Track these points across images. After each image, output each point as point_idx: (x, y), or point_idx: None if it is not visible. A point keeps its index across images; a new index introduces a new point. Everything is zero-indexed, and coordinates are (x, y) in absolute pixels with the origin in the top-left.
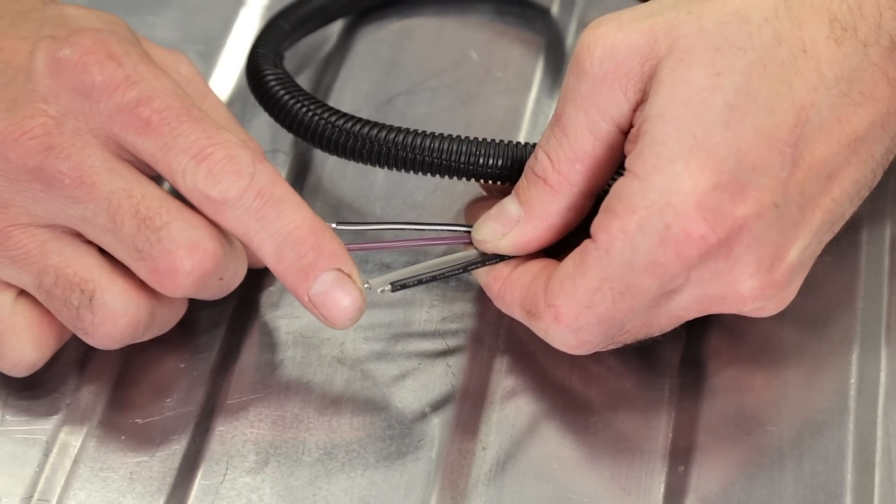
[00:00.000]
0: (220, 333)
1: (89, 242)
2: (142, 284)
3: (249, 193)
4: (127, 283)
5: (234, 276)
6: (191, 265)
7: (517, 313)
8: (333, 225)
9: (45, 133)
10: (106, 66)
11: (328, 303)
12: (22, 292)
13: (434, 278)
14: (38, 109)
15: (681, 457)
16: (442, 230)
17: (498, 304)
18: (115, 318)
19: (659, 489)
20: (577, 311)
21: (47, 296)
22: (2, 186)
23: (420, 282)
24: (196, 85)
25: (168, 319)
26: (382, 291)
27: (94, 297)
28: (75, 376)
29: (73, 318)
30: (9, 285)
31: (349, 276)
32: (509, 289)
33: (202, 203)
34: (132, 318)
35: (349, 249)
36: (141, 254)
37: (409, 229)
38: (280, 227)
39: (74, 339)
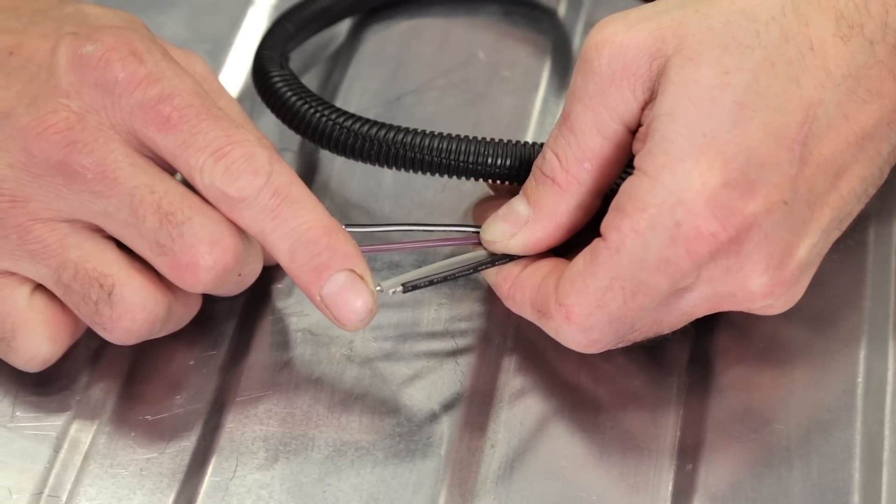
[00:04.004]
0: (230, 331)
1: (109, 238)
2: (160, 280)
3: (266, 192)
4: (145, 278)
5: (252, 273)
6: (212, 260)
7: (528, 313)
8: (342, 227)
9: (68, 128)
10: (128, 62)
11: (340, 303)
12: (37, 287)
13: (445, 279)
14: (61, 105)
15: (689, 455)
16: (451, 231)
17: (508, 304)
18: (133, 313)
19: (667, 487)
20: (588, 310)
21: (66, 290)
22: (24, 181)
23: (431, 283)
24: (210, 84)
25: (183, 315)
26: (394, 292)
27: (114, 291)
28: (86, 373)
29: (91, 312)
30: (25, 280)
31: (361, 278)
32: (519, 289)
33: (219, 200)
34: (150, 314)
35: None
36: (163, 248)
37: (418, 230)
38: (295, 226)
39: (85, 337)
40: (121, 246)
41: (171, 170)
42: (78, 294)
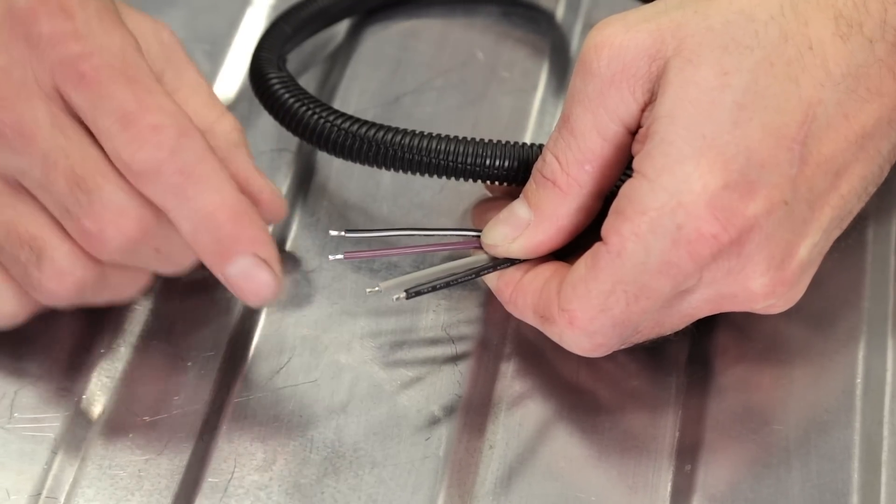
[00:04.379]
0: (228, 331)
1: None
2: None
3: (169, 168)
4: (76, 243)
5: (179, 252)
6: (115, 229)
7: (530, 318)
8: (343, 233)
9: None
10: (55, 17)
11: (243, 285)
12: None
13: (448, 284)
14: None
15: (688, 455)
16: (450, 235)
17: (510, 309)
18: (61, 277)
19: (666, 487)
20: (591, 314)
21: None
22: None
23: (434, 288)
24: (176, 53)
25: (123, 286)
26: (398, 299)
27: (42, 254)
28: (83, 374)
29: (21, 273)
30: None
31: (265, 261)
32: (521, 294)
33: (124, 171)
34: (79, 279)
35: (359, 256)
36: (70, 214)
37: (418, 234)
38: (198, 207)
39: (84, 338)
40: None
41: None
42: (8, 254)
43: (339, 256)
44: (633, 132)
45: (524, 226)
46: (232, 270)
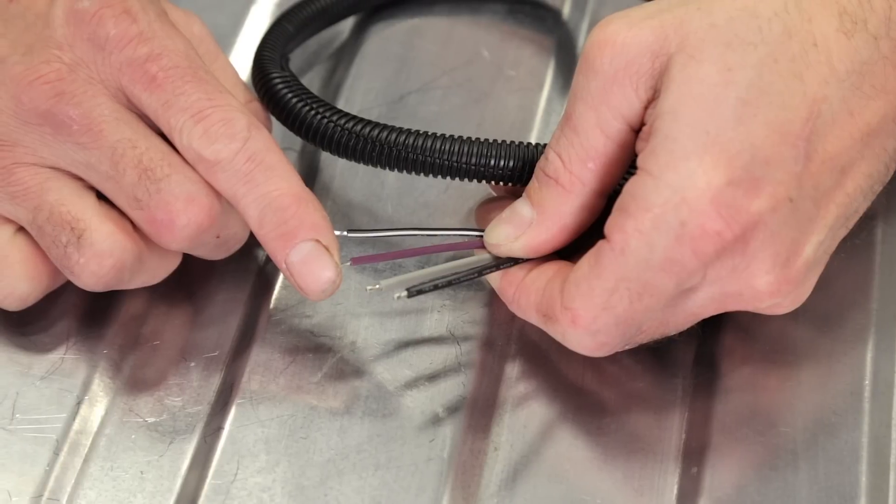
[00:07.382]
0: (231, 332)
1: (89, 188)
2: (131, 229)
3: (240, 157)
4: (117, 226)
5: (234, 238)
6: (186, 218)
7: (533, 317)
8: (345, 232)
9: (58, 79)
10: (121, 20)
11: (304, 272)
12: (22, 228)
13: (449, 283)
14: (54, 56)
15: (694, 458)
16: (453, 235)
17: (513, 308)
18: (100, 259)
19: (672, 490)
20: (594, 313)
21: (39, 232)
22: (13, 126)
23: (436, 287)
24: (207, 45)
25: (158, 269)
26: (399, 297)
27: (83, 236)
28: (86, 375)
29: (60, 256)
30: (9, 220)
31: (327, 249)
32: (524, 293)
33: (196, 162)
34: (118, 261)
35: (362, 260)
36: (139, 203)
37: (421, 235)
38: (265, 192)
39: (87, 338)
40: (100, 197)
41: (157, 129)
42: (49, 236)
43: (347, 264)
44: (637, 129)
45: (527, 225)
46: (294, 256)
